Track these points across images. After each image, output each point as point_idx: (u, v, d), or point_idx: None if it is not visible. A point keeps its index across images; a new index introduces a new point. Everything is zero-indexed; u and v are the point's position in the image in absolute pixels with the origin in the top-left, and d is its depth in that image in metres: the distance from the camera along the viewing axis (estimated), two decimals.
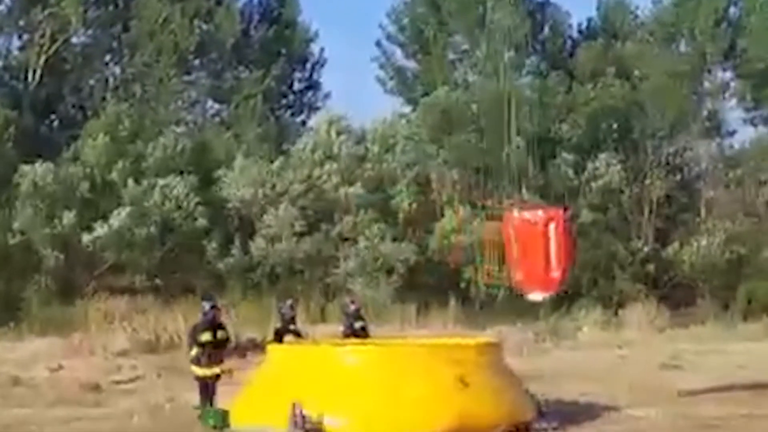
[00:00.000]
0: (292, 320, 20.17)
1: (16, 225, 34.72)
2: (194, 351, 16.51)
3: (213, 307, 16.91)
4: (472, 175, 36.07)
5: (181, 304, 30.03)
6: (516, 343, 27.00)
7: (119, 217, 34.55)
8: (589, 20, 46.34)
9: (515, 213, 19.05)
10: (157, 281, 35.27)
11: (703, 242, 37.89)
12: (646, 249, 37.75)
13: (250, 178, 36.42)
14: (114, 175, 36.21)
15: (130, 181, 35.78)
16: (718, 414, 17.22)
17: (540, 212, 19.08)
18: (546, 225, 18.44)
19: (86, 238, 34.30)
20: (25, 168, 35.21)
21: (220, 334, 16.69)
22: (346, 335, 20.75)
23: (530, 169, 35.90)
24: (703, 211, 39.67)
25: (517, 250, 18.56)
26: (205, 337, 16.49)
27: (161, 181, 35.91)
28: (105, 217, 34.72)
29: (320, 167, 37.18)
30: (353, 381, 15.27)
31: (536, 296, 19.17)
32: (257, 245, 35.80)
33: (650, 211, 38.54)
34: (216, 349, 16.58)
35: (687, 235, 38.42)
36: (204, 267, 35.75)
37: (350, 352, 16.52)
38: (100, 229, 34.28)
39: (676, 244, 38.28)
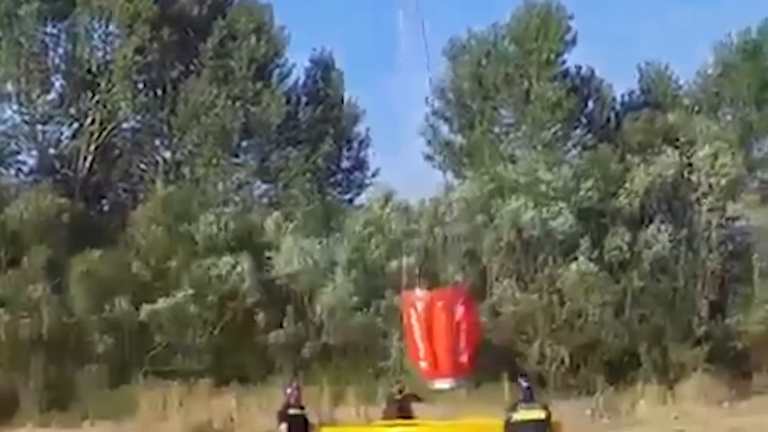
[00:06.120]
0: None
1: (69, 310, 34.95)
2: (283, 426, 17.87)
3: (296, 387, 18.55)
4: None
5: (234, 388, 29.84)
6: (574, 421, 26.51)
7: (174, 298, 34.67)
8: (631, 92, 47.47)
9: (416, 292, 17.56)
10: (209, 364, 35.21)
11: (761, 312, 37.20)
12: (702, 319, 37.14)
13: (302, 256, 36.41)
14: (166, 258, 36.44)
15: (184, 263, 35.97)
16: None
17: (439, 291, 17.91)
18: (449, 304, 17.00)
19: (143, 313, 34.36)
20: (78, 254, 35.49)
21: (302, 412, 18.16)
22: (388, 417, 20.41)
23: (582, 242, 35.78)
24: (757, 281, 38.96)
25: (419, 334, 17.07)
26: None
27: (216, 261, 36.02)
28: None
29: (369, 242, 37.14)
30: None
31: (443, 384, 17.59)
32: (312, 319, 35.76)
33: (704, 282, 37.97)
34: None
35: (744, 306, 37.77)
36: (256, 348, 35.59)
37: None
38: (159, 304, 34.36)
39: (733, 315, 37.63)
